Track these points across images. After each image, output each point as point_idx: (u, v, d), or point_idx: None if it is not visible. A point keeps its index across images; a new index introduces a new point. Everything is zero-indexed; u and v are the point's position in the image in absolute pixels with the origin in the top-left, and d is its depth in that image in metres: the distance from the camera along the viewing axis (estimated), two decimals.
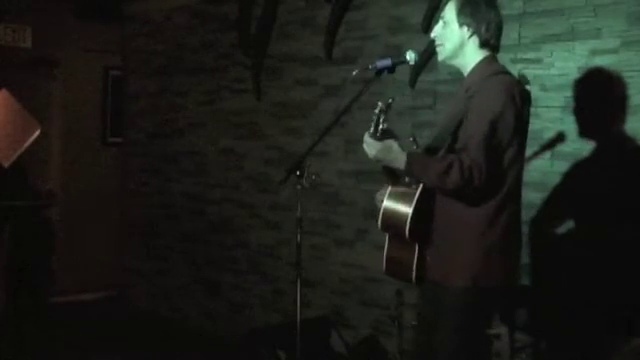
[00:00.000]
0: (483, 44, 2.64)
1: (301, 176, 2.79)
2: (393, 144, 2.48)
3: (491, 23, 2.62)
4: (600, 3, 3.25)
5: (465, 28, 2.62)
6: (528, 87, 2.71)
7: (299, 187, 2.81)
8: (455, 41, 2.64)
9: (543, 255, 3.44)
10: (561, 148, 3.39)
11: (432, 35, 2.73)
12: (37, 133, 5.59)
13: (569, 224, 3.37)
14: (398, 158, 2.47)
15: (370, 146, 2.49)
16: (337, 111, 4.06)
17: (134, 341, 5.33)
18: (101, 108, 6.79)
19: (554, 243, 3.41)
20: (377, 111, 2.47)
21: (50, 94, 6.53)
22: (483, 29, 2.61)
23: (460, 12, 2.62)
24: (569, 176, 3.36)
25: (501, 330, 3.30)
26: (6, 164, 5.46)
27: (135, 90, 6.28)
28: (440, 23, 2.69)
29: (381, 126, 2.47)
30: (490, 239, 2.52)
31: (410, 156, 2.47)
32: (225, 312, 5.36)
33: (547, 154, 3.44)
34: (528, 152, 3.40)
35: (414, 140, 2.77)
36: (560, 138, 3.39)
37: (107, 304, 6.41)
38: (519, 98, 2.52)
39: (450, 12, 2.66)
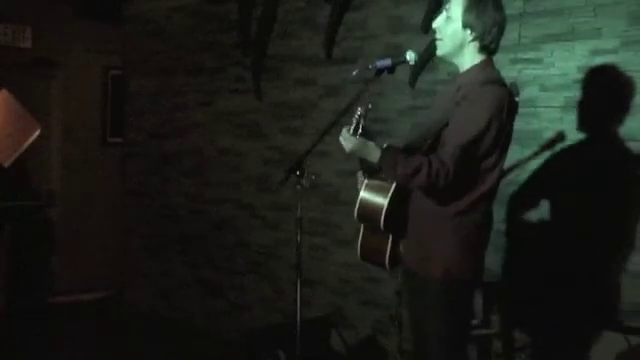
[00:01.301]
0: (483, 48, 2.61)
1: (301, 176, 2.79)
2: (369, 141, 2.54)
3: (494, 27, 2.58)
4: (600, 3, 3.25)
5: (469, 31, 2.58)
6: (517, 99, 2.69)
7: (299, 187, 2.81)
8: (456, 41, 2.61)
9: (542, 254, 3.44)
10: (561, 148, 3.39)
11: (434, 25, 2.67)
12: (37, 133, 5.60)
13: (569, 224, 3.37)
14: (372, 153, 2.54)
15: (347, 140, 2.57)
16: (337, 111, 4.06)
17: (134, 341, 5.33)
18: (101, 108, 6.80)
19: (554, 242, 3.41)
20: (357, 116, 2.55)
21: (50, 94, 6.53)
22: (486, 34, 2.57)
23: (466, 12, 2.57)
24: (568, 175, 3.36)
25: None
26: (6, 164, 5.46)
27: (135, 90, 6.28)
28: (444, 15, 2.64)
29: (360, 130, 2.56)
30: (461, 235, 2.57)
31: (384, 152, 2.52)
32: (225, 312, 5.36)
33: (547, 154, 3.44)
34: (528, 152, 3.43)
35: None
36: (560, 138, 3.39)
37: (107, 304, 6.41)
38: (506, 111, 2.51)
39: (456, 8, 2.60)
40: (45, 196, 6.38)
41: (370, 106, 2.57)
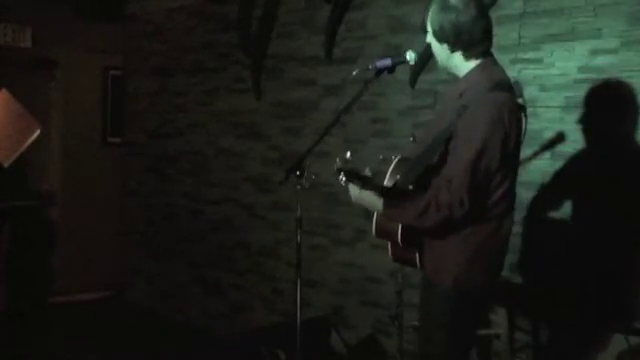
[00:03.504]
0: (469, 56, 2.54)
1: (301, 176, 2.79)
2: (369, 195, 2.59)
3: (467, 32, 2.48)
4: (600, 3, 3.25)
5: (445, 45, 2.54)
6: (521, 100, 2.65)
7: (299, 187, 2.81)
8: (442, 55, 2.59)
9: (544, 254, 3.44)
10: (561, 148, 3.39)
11: (427, 40, 2.65)
12: (37, 133, 5.59)
13: (568, 223, 3.37)
14: (376, 205, 2.59)
15: (353, 190, 2.67)
16: (337, 111, 4.06)
17: (134, 341, 5.33)
18: (101, 108, 6.79)
19: (555, 242, 3.41)
20: (338, 165, 2.65)
21: (50, 94, 6.53)
22: (461, 43, 2.50)
23: (432, 28, 2.55)
24: (567, 175, 3.36)
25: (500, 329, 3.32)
26: (6, 164, 5.46)
27: (135, 90, 6.28)
28: (427, 32, 2.62)
29: (351, 175, 2.62)
30: (473, 243, 2.52)
31: (386, 201, 2.54)
32: (225, 312, 5.36)
33: (547, 154, 3.44)
34: (528, 152, 3.43)
35: (413, 139, 2.79)
36: (560, 138, 3.39)
37: (107, 304, 6.41)
38: (508, 118, 2.43)
39: (429, 25, 2.58)
40: (45, 196, 6.37)
41: (348, 155, 2.64)
